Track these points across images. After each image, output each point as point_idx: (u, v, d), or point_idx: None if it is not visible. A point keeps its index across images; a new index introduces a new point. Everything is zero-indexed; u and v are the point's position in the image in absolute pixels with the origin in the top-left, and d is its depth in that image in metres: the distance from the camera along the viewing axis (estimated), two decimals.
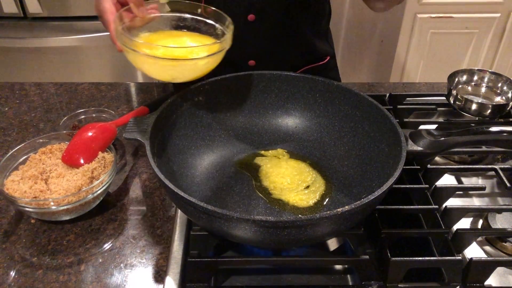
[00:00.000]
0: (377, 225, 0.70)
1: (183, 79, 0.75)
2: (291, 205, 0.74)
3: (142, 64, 0.72)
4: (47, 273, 0.69)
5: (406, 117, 0.97)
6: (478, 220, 0.77)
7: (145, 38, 0.77)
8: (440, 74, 2.09)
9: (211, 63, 0.74)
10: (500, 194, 0.82)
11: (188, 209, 0.61)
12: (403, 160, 0.65)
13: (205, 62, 0.72)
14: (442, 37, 2.01)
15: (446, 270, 0.66)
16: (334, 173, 0.81)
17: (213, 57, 0.73)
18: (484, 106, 0.93)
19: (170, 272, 0.67)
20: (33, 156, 0.81)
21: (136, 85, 1.16)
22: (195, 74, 0.74)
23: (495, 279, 0.67)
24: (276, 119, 0.88)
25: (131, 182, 0.85)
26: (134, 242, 0.74)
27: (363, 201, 0.58)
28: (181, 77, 0.74)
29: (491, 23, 1.97)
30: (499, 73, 0.99)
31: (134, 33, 0.76)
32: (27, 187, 0.74)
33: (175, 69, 0.72)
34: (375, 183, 0.72)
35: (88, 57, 1.98)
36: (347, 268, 0.71)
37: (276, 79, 0.85)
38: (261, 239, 0.60)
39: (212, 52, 0.72)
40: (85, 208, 0.76)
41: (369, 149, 0.78)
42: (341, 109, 0.82)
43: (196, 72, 0.74)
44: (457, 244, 0.69)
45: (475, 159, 0.89)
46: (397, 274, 0.66)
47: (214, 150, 0.84)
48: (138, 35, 0.77)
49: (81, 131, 0.83)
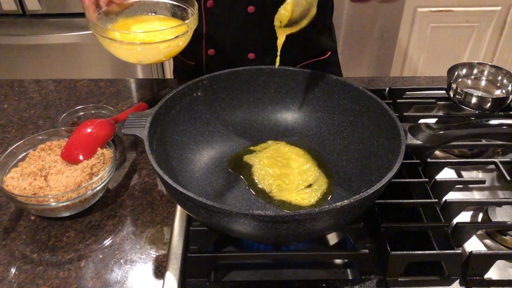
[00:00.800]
0: (377, 219, 0.70)
1: (148, 61, 0.81)
2: (293, 204, 0.74)
3: (110, 48, 0.79)
4: (48, 269, 0.69)
5: (406, 111, 0.97)
6: (478, 214, 0.76)
7: (121, 22, 0.83)
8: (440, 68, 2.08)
9: (173, 46, 0.78)
10: (500, 188, 0.82)
11: (187, 204, 0.61)
12: (402, 154, 0.65)
13: (167, 45, 0.77)
14: (442, 30, 2.00)
15: (446, 263, 0.66)
16: (334, 167, 0.81)
17: (175, 40, 0.77)
18: (484, 99, 0.93)
19: (170, 268, 0.67)
20: (32, 153, 0.81)
21: (135, 81, 1.16)
22: (159, 57, 0.79)
23: (495, 272, 0.67)
24: (275, 114, 0.88)
25: (131, 178, 0.85)
26: (134, 238, 0.74)
27: (362, 195, 0.58)
28: (146, 60, 0.80)
29: (491, 16, 1.96)
30: (499, 66, 0.99)
31: (112, 17, 0.82)
32: (27, 184, 0.74)
33: (139, 52, 0.78)
34: (374, 177, 0.72)
35: (87, 53, 1.98)
36: (347, 262, 0.71)
37: (275, 74, 0.85)
38: (260, 233, 0.60)
39: (175, 35, 0.77)
40: (85, 204, 0.76)
41: (368, 143, 0.77)
42: (340, 104, 0.82)
43: (160, 54, 0.79)
44: (457, 237, 0.69)
45: (475, 152, 0.89)
46: (397, 268, 0.66)
47: (213, 146, 0.84)
48: (116, 20, 0.83)
49: (80, 127, 0.83)
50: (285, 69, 0.84)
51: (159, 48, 0.77)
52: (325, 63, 1.13)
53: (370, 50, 2.23)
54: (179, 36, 0.77)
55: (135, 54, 0.78)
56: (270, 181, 0.76)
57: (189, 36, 0.80)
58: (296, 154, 0.82)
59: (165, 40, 0.76)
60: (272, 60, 1.03)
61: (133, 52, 0.78)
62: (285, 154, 0.82)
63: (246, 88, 0.86)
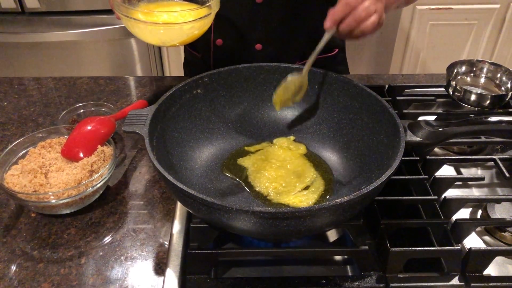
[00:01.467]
0: (377, 216, 0.70)
1: (171, 43, 0.81)
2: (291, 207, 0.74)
3: (134, 29, 0.80)
4: (48, 266, 0.69)
5: (405, 108, 0.97)
6: (477, 210, 0.77)
7: (143, 7, 0.84)
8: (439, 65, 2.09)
9: (196, 27, 0.80)
10: (499, 184, 0.83)
11: (187, 201, 0.62)
12: (402, 151, 0.65)
13: (190, 26, 0.78)
14: (441, 28, 2.00)
15: (446, 260, 0.66)
16: (333, 164, 0.81)
17: (198, 22, 0.79)
18: (483, 96, 0.93)
19: (170, 264, 0.68)
20: (32, 150, 0.81)
21: (134, 78, 1.16)
22: (182, 38, 0.81)
23: (494, 268, 0.68)
24: (275, 112, 0.88)
25: (131, 176, 0.86)
26: (134, 235, 0.74)
27: (361, 192, 0.58)
28: (169, 41, 0.81)
29: (490, 14, 1.96)
30: (498, 64, 0.99)
31: (134, 2, 0.84)
32: (27, 181, 0.74)
33: (163, 34, 0.79)
34: (374, 174, 0.72)
35: (86, 51, 1.98)
36: (347, 259, 0.71)
37: (275, 71, 0.85)
38: (260, 230, 0.60)
39: (197, 17, 0.78)
40: (85, 201, 0.77)
41: (368, 140, 0.78)
42: (340, 101, 0.82)
43: (183, 36, 0.80)
44: (456, 234, 0.70)
45: (474, 149, 0.89)
46: (396, 265, 0.66)
47: (213, 143, 0.84)
48: (138, 5, 0.84)
49: (80, 125, 0.83)
50: (284, 66, 0.84)
51: (183, 29, 0.78)
52: (332, 60, 1.13)
53: (369, 47, 2.23)
54: (202, 18, 0.79)
55: (159, 35, 0.79)
56: (266, 184, 0.76)
57: (211, 19, 0.81)
58: (290, 156, 0.82)
59: (188, 21, 0.78)
60: (277, 51, 1.02)
61: (157, 33, 0.79)
62: (279, 156, 0.82)
63: (246, 85, 0.86)
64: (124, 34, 1.94)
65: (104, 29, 1.91)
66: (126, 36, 1.94)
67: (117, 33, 1.93)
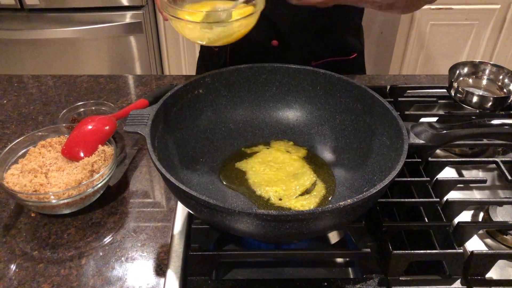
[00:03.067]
0: (378, 218, 0.70)
1: (220, 42, 0.82)
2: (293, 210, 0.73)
3: (183, 29, 0.80)
4: (48, 267, 0.69)
5: (407, 109, 0.97)
6: (479, 213, 0.77)
7: (188, 7, 0.85)
8: (439, 66, 2.09)
9: (244, 25, 0.80)
10: (501, 187, 0.82)
11: (189, 202, 0.61)
12: (405, 154, 0.65)
13: (239, 24, 0.79)
14: (441, 28, 2.00)
15: (447, 263, 0.66)
16: (335, 166, 0.81)
17: (246, 20, 0.79)
18: (485, 98, 0.93)
19: (171, 266, 0.67)
20: (32, 149, 0.81)
21: (135, 77, 1.16)
22: (230, 37, 0.81)
23: (496, 271, 0.68)
24: (277, 112, 0.87)
25: (131, 175, 0.85)
26: (135, 236, 0.74)
27: (365, 195, 0.58)
28: (217, 40, 0.81)
29: (491, 14, 1.96)
30: (500, 66, 0.99)
31: (179, 3, 0.85)
32: (27, 181, 0.74)
33: (211, 32, 0.79)
34: (376, 176, 0.72)
35: (86, 49, 1.97)
36: (348, 261, 0.71)
37: (277, 71, 0.85)
38: (263, 232, 0.60)
39: (245, 15, 0.79)
40: (86, 201, 0.76)
41: (370, 142, 0.77)
42: (342, 102, 0.82)
43: (231, 35, 0.81)
44: (458, 237, 0.69)
45: (476, 151, 0.89)
46: (398, 267, 0.66)
47: (215, 143, 0.83)
48: (183, 6, 0.85)
49: (81, 124, 0.83)
50: (287, 67, 0.84)
51: (232, 27, 0.79)
52: (350, 64, 1.12)
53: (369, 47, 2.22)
54: (248, 16, 0.79)
55: (208, 34, 0.80)
56: (266, 188, 0.75)
57: (257, 17, 0.82)
58: (289, 158, 0.81)
59: (237, 19, 0.78)
60: (293, 50, 1.02)
61: (206, 33, 0.80)
62: (277, 159, 0.81)
63: (247, 85, 0.85)
64: (124, 31, 1.93)
65: (103, 26, 1.90)
66: (126, 33, 1.94)
67: (117, 30, 1.92)
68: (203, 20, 0.79)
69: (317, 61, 1.09)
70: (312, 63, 1.08)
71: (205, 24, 0.78)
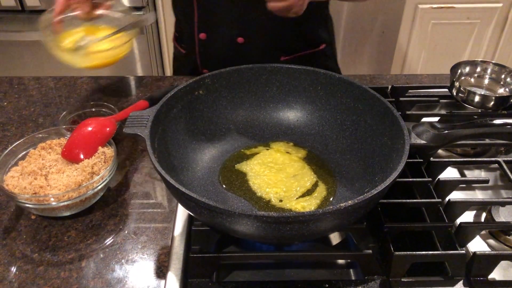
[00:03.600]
0: (380, 219, 0.69)
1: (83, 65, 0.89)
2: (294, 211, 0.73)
3: (57, 53, 0.89)
4: (48, 270, 0.68)
5: (409, 109, 0.96)
6: (482, 214, 0.76)
7: (83, 28, 0.95)
8: (441, 65, 2.08)
9: (112, 55, 0.89)
10: (503, 187, 0.82)
11: (189, 204, 0.61)
12: (407, 154, 0.64)
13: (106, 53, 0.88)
14: (443, 27, 1.99)
15: (450, 264, 0.66)
16: (336, 167, 0.80)
17: (114, 50, 0.89)
18: (487, 98, 0.92)
19: (171, 268, 0.67)
20: (32, 151, 0.80)
21: (135, 78, 1.15)
22: (102, 62, 0.89)
23: (499, 272, 0.67)
24: (277, 113, 0.87)
25: (132, 177, 0.85)
26: (135, 238, 0.73)
27: (366, 196, 0.57)
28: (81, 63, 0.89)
29: (493, 13, 1.95)
30: (502, 65, 0.98)
31: (77, 23, 0.94)
32: (27, 183, 0.73)
33: (76, 58, 0.88)
34: (378, 177, 0.72)
35: None
36: (350, 262, 0.70)
37: (277, 72, 0.84)
38: (263, 234, 0.60)
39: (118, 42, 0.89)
40: (86, 203, 0.76)
41: (371, 142, 0.77)
42: (343, 102, 0.81)
43: (102, 59, 0.89)
44: (460, 237, 0.69)
45: (478, 151, 0.89)
46: (400, 269, 0.65)
47: (215, 144, 0.83)
48: (79, 25, 0.95)
49: (81, 126, 0.83)
50: (287, 67, 0.84)
51: (98, 56, 0.88)
52: (320, 55, 1.12)
53: (371, 47, 2.22)
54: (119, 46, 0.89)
55: (75, 59, 0.89)
56: (267, 189, 0.75)
57: (127, 47, 0.93)
58: (289, 159, 0.81)
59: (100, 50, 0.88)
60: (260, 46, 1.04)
61: (72, 58, 0.88)
62: (277, 160, 0.81)
63: (248, 86, 0.85)
64: None
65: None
66: None
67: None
68: (71, 48, 0.89)
69: (286, 57, 1.08)
70: (281, 58, 1.08)
71: (73, 51, 0.88)
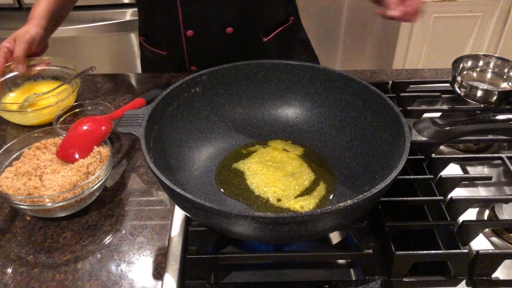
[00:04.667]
0: (381, 218, 0.68)
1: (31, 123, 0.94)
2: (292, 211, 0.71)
3: (5, 115, 0.94)
4: (43, 272, 0.67)
5: (410, 105, 0.94)
6: (485, 211, 0.75)
7: (26, 86, 1.02)
8: (443, 59, 2.06)
9: (44, 114, 0.92)
10: (507, 184, 0.80)
11: (185, 205, 0.60)
12: (407, 152, 0.63)
13: (36, 114, 0.92)
14: (445, 21, 1.97)
15: (452, 263, 0.64)
16: (336, 164, 0.79)
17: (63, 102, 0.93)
18: (490, 92, 0.90)
19: (168, 269, 0.66)
20: (27, 151, 0.79)
21: (132, 76, 1.14)
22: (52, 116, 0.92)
23: (502, 271, 0.66)
24: (276, 110, 0.85)
25: (129, 177, 0.84)
26: (131, 239, 0.72)
27: (366, 195, 0.56)
28: (27, 121, 0.94)
29: (495, 6, 1.93)
30: (505, 58, 0.96)
31: (19, 82, 1.02)
32: (21, 184, 0.72)
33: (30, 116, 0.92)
34: (378, 175, 0.70)
35: (85, 47, 1.96)
36: (350, 262, 0.69)
37: (275, 68, 0.83)
38: (261, 235, 0.58)
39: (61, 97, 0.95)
40: (81, 204, 0.75)
41: (371, 139, 0.75)
42: (343, 98, 0.80)
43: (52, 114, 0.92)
44: (463, 236, 0.67)
45: (480, 147, 0.87)
46: (401, 268, 0.64)
47: (213, 143, 0.82)
48: (22, 84, 1.02)
49: (76, 125, 0.81)
50: (285, 63, 0.82)
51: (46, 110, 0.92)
52: (290, 29, 1.14)
53: (372, 41, 2.20)
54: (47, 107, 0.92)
55: (23, 118, 0.93)
56: (264, 188, 0.74)
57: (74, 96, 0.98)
58: (287, 157, 0.79)
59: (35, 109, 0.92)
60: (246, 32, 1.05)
61: (21, 116, 0.93)
62: (275, 158, 0.79)
63: (245, 83, 0.83)
64: (124, 29, 1.91)
65: (103, 24, 1.89)
66: (126, 31, 1.92)
67: (117, 28, 1.91)
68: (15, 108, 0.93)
69: (267, 37, 1.10)
70: (263, 39, 1.09)
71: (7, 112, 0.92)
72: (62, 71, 1.03)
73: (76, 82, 0.98)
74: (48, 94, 0.96)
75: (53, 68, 1.04)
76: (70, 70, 1.02)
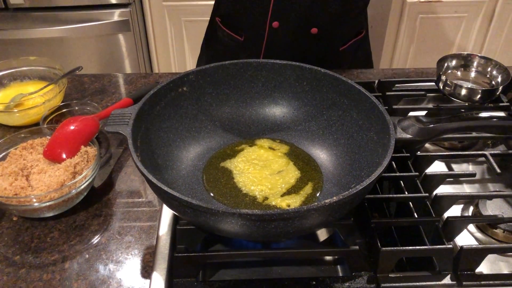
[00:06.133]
0: (367, 215, 0.69)
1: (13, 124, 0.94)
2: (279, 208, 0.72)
3: None
4: (30, 272, 0.67)
5: (395, 103, 0.96)
6: (469, 207, 0.76)
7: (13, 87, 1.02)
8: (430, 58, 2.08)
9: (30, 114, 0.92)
10: (490, 180, 0.82)
11: (172, 203, 0.60)
12: (392, 149, 0.63)
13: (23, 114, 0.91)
14: (431, 21, 1.99)
15: (437, 258, 0.65)
16: (323, 162, 0.79)
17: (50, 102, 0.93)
18: (474, 91, 0.92)
19: (157, 268, 0.66)
20: (13, 151, 0.79)
21: (120, 76, 1.14)
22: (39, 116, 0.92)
23: (486, 266, 0.67)
24: (263, 109, 0.86)
25: (116, 176, 0.84)
26: (119, 238, 0.72)
27: (351, 192, 0.56)
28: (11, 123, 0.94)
29: (480, 7, 1.96)
30: (488, 57, 0.98)
31: (5, 82, 1.02)
32: (7, 184, 0.72)
33: (3, 117, 0.92)
34: (364, 172, 0.71)
35: (73, 48, 1.95)
36: (337, 259, 0.70)
37: (262, 67, 0.83)
38: (248, 232, 0.59)
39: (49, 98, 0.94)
40: (69, 204, 0.75)
41: (357, 137, 0.76)
42: (329, 97, 0.81)
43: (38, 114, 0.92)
44: (447, 232, 0.69)
45: (465, 145, 0.88)
46: (387, 264, 0.65)
47: (200, 142, 0.82)
48: (8, 84, 1.02)
49: (63, 125, 0.81)
50: (272, 62, 0.83)
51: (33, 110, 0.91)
52: (362, 41, 1.14)
53: None
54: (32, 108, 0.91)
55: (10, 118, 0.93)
56: (252, 187, 0.74)
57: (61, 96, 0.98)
58: (273, 155, 0.80)
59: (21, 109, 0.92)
60: (329, 35, 1.05)
61: (8, 117, 0.92)
62: (261, 156, 0.80)
63: (233, 82, 0.84)
64: (112, 30, 1.91)
65: (91, 25, 1.88)
66: (114, 32, 1.91)
67: (104, 29, 1.90)
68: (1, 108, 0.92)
69: (343, 46, 1.11)
70: (339, 48, 1.10)
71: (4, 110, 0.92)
72: (49, 71, 1.02)
73: (63, 82, 0.98)
74: (34, 94, 0.95)
75: (39, 68, 1.03)
76: (57, 70, 1.01)
